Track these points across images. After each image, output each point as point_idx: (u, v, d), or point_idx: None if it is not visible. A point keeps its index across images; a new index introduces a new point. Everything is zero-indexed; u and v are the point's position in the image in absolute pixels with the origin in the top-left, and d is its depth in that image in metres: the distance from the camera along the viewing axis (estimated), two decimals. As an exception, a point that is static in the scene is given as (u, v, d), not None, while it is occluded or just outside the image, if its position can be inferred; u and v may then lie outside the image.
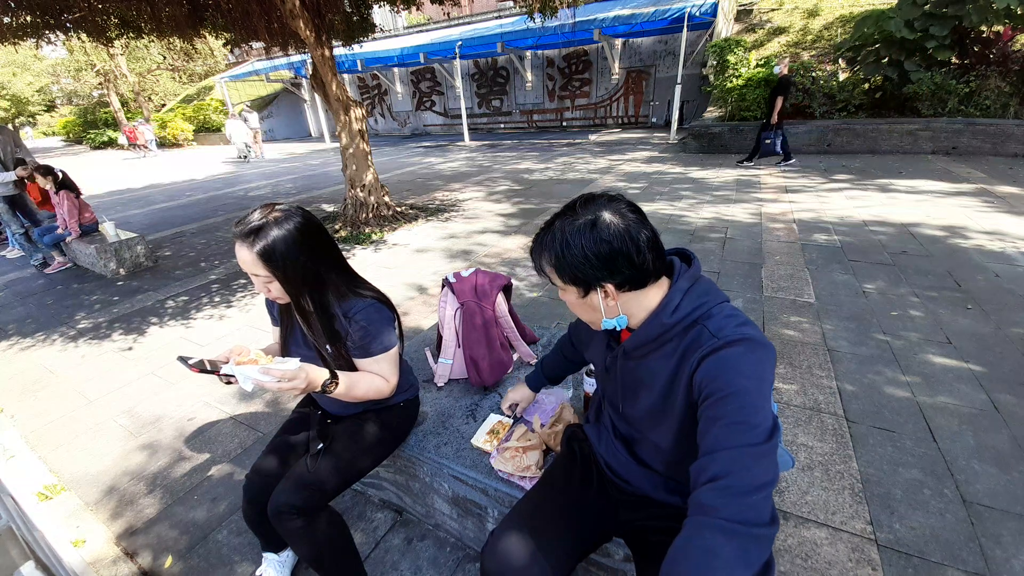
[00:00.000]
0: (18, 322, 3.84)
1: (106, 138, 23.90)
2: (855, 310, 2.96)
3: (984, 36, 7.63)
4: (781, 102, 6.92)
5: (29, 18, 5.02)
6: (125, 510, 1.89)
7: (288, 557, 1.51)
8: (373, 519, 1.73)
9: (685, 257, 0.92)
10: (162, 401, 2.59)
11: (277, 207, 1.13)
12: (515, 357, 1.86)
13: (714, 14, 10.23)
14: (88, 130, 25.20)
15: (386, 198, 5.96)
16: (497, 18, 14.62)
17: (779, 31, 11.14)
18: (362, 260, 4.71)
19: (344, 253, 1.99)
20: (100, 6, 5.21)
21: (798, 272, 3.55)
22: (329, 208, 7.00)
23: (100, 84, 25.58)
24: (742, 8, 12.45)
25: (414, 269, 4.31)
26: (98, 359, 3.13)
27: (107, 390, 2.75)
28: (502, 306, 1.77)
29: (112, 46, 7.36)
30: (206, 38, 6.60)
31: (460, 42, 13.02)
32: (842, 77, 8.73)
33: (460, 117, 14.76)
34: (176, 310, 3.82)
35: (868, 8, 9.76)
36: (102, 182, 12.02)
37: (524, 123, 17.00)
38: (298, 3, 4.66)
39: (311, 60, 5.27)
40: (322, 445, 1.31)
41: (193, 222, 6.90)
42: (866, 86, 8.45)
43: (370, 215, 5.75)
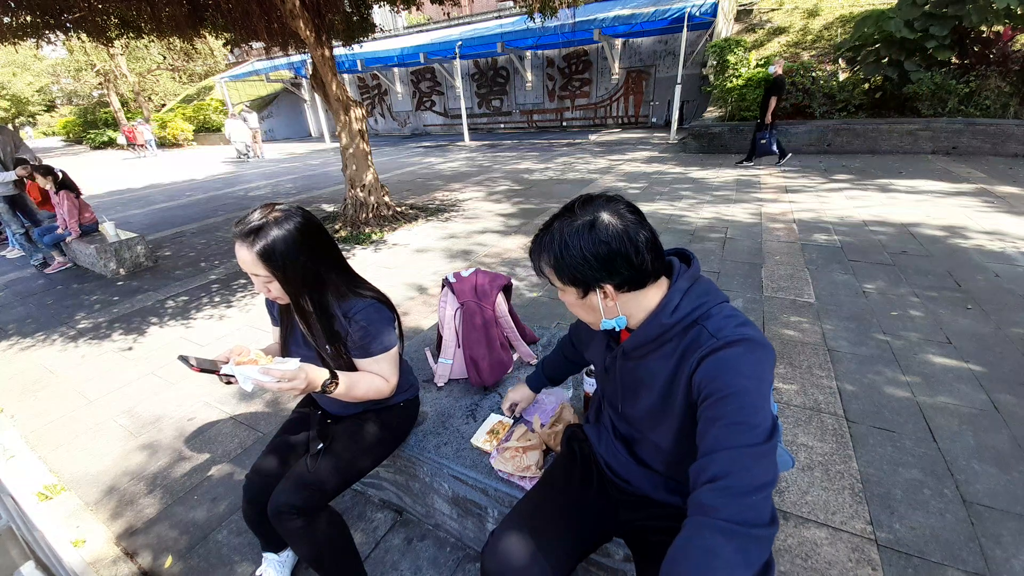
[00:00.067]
0: (18, 322, 3.84)
1: (106, 138, 23.93)
2: (855, 310, 2.96)
3: (984, 36, 7.63)
4: (775, 102, 6.98)
5: (29, 18, 5.02)
6: (125, 510, 1.89)
7: (288, 557, 1.51)
8: (373, 519, 1.73)
9: (684, 257, 0.92)
10: (162, 401, 2.59)
11: (277, 207, 1.13)
12: (515, 357, 1.86)
13: (714, 14, 10.23)
14: (88, 130, 25.22)
15: (386, 198, 5.96)
16: (497, 18, 14.63)
17: (779, 31, 11.14)
18: (362, 260, 4.71)
19: (344, 253, 2.00)
20: (100, 6, 5.22)
21: (798, 272, 3.55)
22: (329, 208, 7.00)
23: (100, 84, 25.63)
24: (742, 8, 12.45)
25: (414, 269, 4.31)
26: (98, 359, 3.13)
27: (107, 390, 2.75)
28: (502, 306, 1.77)
29: (112, 46, 7.36)
30: (206, 38, 6.60)
31: (460, 42, 13.02)
32: (842, 77, 8.74)
33: (460, 117, 14.77)
34: (176, 310, 3.82)
35: (868, 8, 9.76)
36: (102, 182, 12.02)
37: (524, 123, 17.00)
38: (298, 3, 4.66)
39: (311, 60, 5.27)
40: (322, 445, 1.31)
41: (193, 222, 6.90)
42: (866, 86, 8.46)
43: (370, 215, 5.75)
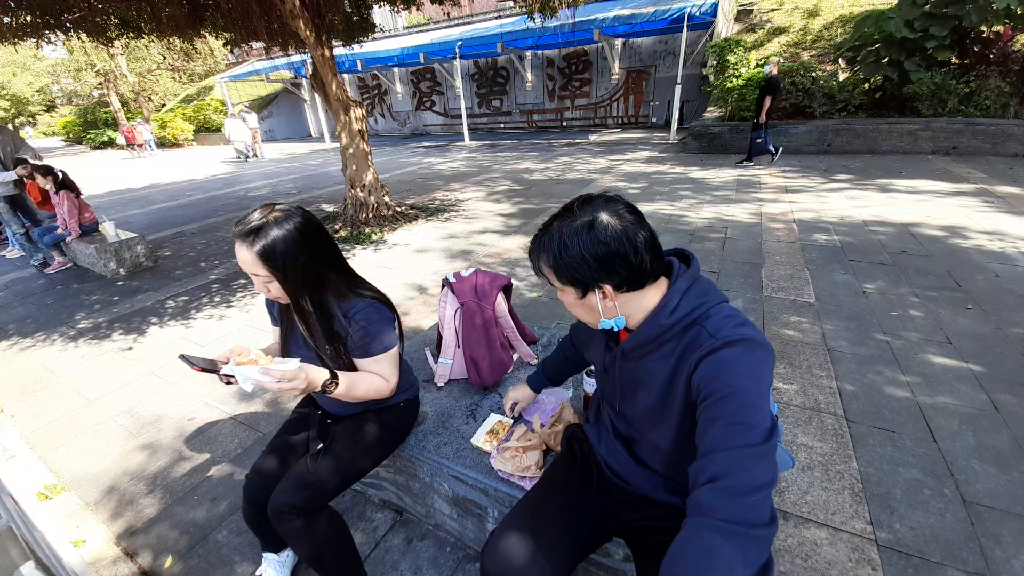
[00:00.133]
0: (18, 322, 3.84)
1: (106, 138, 23.93)
2: (855, 310, 2.96)
3: (984, 36, 7.63)
4: (769, 102, 7.06)
5: (29, 18, 5.02)
6: (125, 510, 1.89)
7: (288, 557, 1.51)
8: (373, 519, 1.73)
9: (684, 257, 0.92)
10: (162, 401, 2.59)
11: (277, 207, 1.13)
12: (515, 357, 1.86)
13: (714, 14, 10.23)
14: (88, 130, 25.22)
15: (386, 198, 5.96)
16: (497, 18, 14.63)
17: (779, 31, 11.14)
18: (362, 260, 4.71)
19: (344, 253, 2.00)
20: (100, 6, 5.22)
21: (798, 272, 3.55)
22: (329, 208, 7.00)
23: (100, 84, 25.63)
24: (742, 8, 12.45)
25: (414, 269, 4.31)
26: (98, 359, 3.13)
27: (107, 390, 2.75)
28: (502, 306, 1.77)
29: (112, 46, 7.36)
30: (206, 38, 6.60)
31: (460, 42, 13.02)
32: (842, 77, 8.73)
33: (460, 117, 14.76)
34: (176, 310, 3.82)
35: (868, 8, 9.76)
36: (102, 182, 12.02)
37: (524, 123, 16.99)
38: (298, 3, 4.66)
39: (311, 60, 5.27)
40: (322, 445, 1.31)
41: (193, 222, 6.90)
42: (866, 86, 8.45)
43: (370, 215, 5.75)
